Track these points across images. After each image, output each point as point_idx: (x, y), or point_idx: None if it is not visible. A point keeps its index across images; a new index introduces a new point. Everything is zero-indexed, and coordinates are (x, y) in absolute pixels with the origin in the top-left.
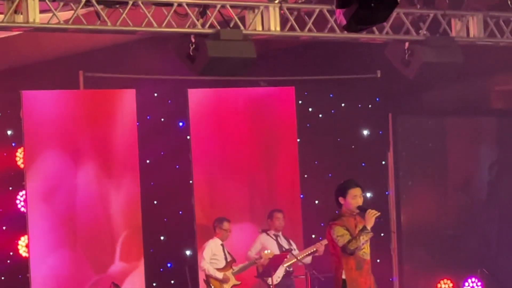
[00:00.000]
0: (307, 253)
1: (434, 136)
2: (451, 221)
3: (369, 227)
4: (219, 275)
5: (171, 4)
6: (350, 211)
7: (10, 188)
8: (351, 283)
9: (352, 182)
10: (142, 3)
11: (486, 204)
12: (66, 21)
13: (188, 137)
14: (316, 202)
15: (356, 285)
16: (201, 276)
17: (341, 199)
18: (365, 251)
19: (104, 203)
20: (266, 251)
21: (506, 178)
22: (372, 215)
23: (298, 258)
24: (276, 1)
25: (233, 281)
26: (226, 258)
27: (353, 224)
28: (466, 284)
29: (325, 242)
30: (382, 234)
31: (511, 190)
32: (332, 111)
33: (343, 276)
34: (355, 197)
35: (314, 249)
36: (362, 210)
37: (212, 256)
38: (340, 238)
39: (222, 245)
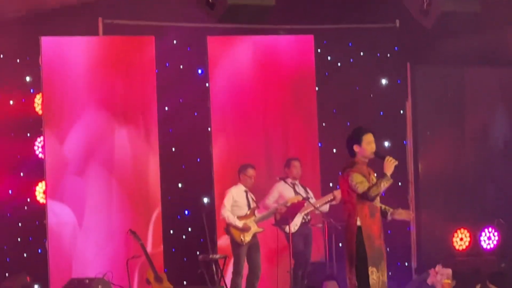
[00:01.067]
0: (324, 202)
1: (452, 86)
2: (468, 171)
3: (388, 174)
4: (239, 223)
5: None
6: (363, 159)
7: (28, 135)
8: (366, 230)
9: (364, 128)
10: None
11: (503, 154)
12: None
13: (207, 84)
14: (334, 150)
15: (370, 232)
16: (220, 225)
17: (356, 147)
18: (378, 199)
19: (121, 149)
20: (289, 199)
21: None
22: (391, 163)
23: (316, 206)
24: None
25: (255, 228)
26: (249, 205)
27: (367, 172)
28: (483, 234)
29: (339, 191)
30: (399, 184)
31: None
32: (351, 60)
33: (358, 223)
34: (370, 142)
35: (332, 197)
36: (378, 156)
37: (233, 203)
38: (360, 185)
39: (246, 191)
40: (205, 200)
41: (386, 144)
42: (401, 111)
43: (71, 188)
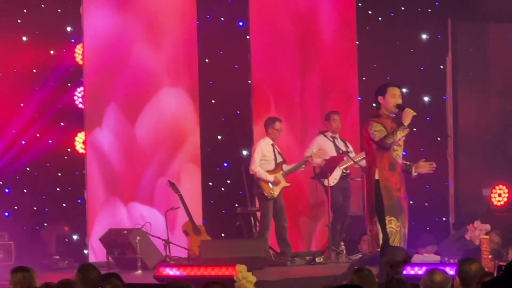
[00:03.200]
0: (363, 156)
1: (493, 43)
2: (507, 127)
3: (406, 124)
4: (270, 177)
5: None
6: (388, 112)
7: (69, 85)
8: (383, 182)
9: (393, 82)
10: None
11: None
12: None
13: (248, 37)
14: (374, 105)
15: (388, 185)
16: None
17: (380, 98)
18: (398, 153)
19: (162, 101)
20: (314, 150)
21: None
22: (409, 113)
23: (355, 160)
24: None
25: (283, 183)
26: (275, 159)
27: (390, 126)
28: None
29: None
30: (438, 139)
31: None
32: (392, 14)
33: (376, 176)
34: (394, 95)
35: None
36: (400, 108)
37: (262, 157)
38: (377, 133)
39: (272, 145)
40: (244, 152)
41: (426, 99)
42: (441, 67)
43: (112, 139)
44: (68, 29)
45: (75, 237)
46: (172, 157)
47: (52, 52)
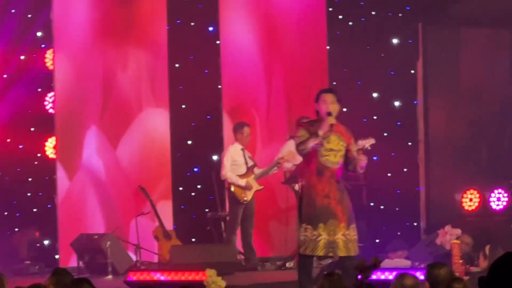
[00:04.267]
0: None
1: (463, 47)
2: (478, 132)
3: (320, 133)
4: (242, 182)
5: None
6: (322, 118)
7: (39, 90)
8: (308, 188)
9: (327, 88)
10: None
11: None
12: None
13: (218, 42)
14: (344, 109)
15: (312, 191)
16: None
17: (316, 105)
18: (329, 159)
19: (132, 105)
20: (286, 153)
21: None
22: (328, 121)
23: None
24: None
25: (255, 186)
26: (246, 163)
27: (328, 131)
28: (493, 195)
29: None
30: (409, 143)
31: None
32: (362, 19)
33: (303, 181)
34: (325, 102)
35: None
36: (329, 116)
37: (232, 162)
38: (297, 139)
39: (242, 149)
40: (215, 157)
41: (397, 103)
42: (412, 71)
43: (80, 144)
44: (38, 34)
45: (46, 242)
46: (143, 161)
47: (22, 57)
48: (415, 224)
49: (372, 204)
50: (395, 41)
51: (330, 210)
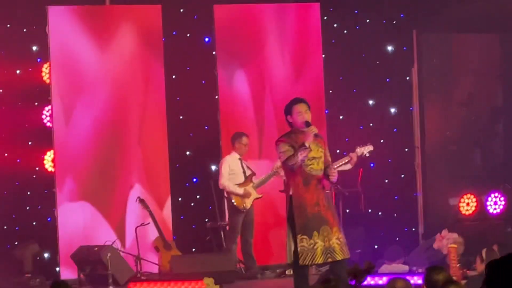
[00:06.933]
0: (339, 164)
1: (458, 53)
2: (474, 137)
3: (307, 144)
4: (240, 190)
5: None
6: (300, 129)
7: (36, 104)
8: (297, 200)
9: (297, 99)
10: None
11: None
12: None
13: (214, 52)
14: (341, 117)
15: (302, 202)
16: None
17: (289, 118)
18: (313, 167)
19: (129, 119)
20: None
21: None
22: (311, 131)
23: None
24: None
25: (254, 195)
26: (244, 172)
27: (302, 141)
28: (489, 199)
29: (355, 154)
30: (406, 150)
31: None
32: (357, 27)
33: (291, 192)
34: (300, 112)
35: (348, 159)
36: (308, 126)
37: (230, 171)
38: (283, 154)
39: (240, 159)
40: (213, 167)
41: (392, 110)
42: (407, 78)
43: (79, 157)
44: (34, 48)
45: (46, 255)
46: (141, 173)
47: (18, 71)
48: (413, 229)
49: (370, 210)
50: (390, 48)
51: (322, 217)
